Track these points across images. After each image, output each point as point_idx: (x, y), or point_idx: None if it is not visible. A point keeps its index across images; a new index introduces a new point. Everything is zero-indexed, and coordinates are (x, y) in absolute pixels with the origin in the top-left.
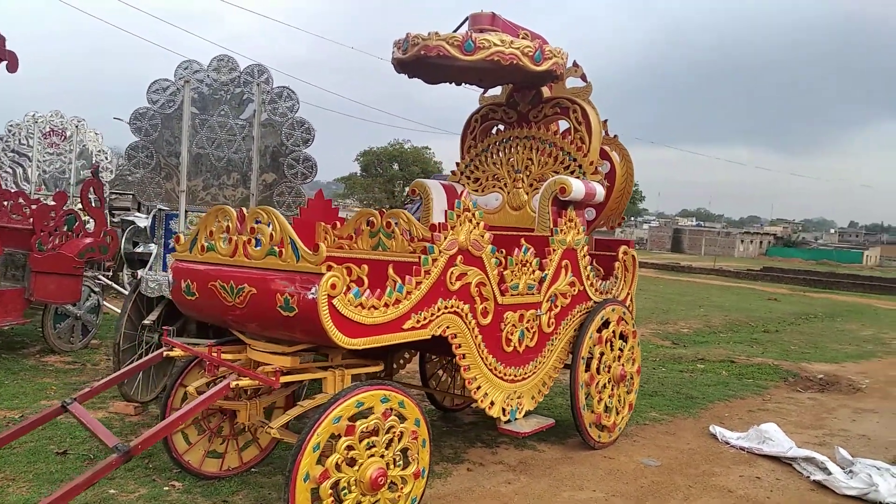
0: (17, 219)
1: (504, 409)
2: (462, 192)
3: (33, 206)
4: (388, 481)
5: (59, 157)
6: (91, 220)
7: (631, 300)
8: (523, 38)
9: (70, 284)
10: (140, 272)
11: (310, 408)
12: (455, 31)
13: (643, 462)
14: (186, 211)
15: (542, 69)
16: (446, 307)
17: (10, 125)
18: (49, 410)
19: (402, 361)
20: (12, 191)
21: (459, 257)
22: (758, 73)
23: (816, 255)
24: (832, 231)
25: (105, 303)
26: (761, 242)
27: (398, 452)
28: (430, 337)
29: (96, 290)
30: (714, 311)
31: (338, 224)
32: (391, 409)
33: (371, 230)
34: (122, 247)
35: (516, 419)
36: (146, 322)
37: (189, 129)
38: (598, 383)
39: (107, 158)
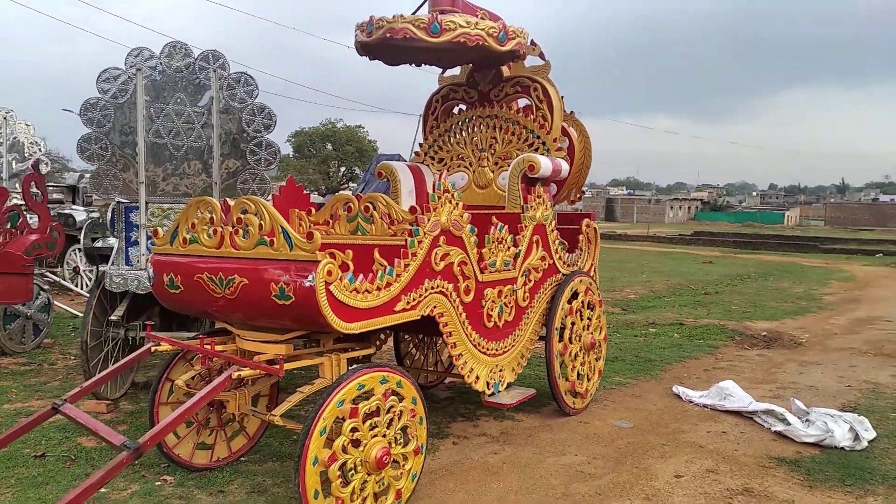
0: None
1: (488, 383)
2: (441, 174)
3: None
4: (392, 459)
5: None
6: (35, 216)
7: (594, 270)
8: (482, 17)
9: (20, 283)
10: (102, 267)
11: (309, 393)
12: (415, 12)
13: (616, 425)
14: (147, 202)
15: (507, 49)
16: (433, 287)
17: None
18: (39, 413)
19: (377, 343)
20: None
21: (442, 238)
22: (670, 46)
23: (741, 218)
24: (754, 194)
25: (55, 301)
26: (689, 208)
27: (399, 431)
28: (419, 317)
29: (45, 287)
30: (655, 277)
31: (312, 210)
32: (390, 390)
33: (349, 215)
34: (83, 242)
35: (499, 391)
36: (112, 318)
37: (144, 118)
38: (570, 352)
39: (40, 150)
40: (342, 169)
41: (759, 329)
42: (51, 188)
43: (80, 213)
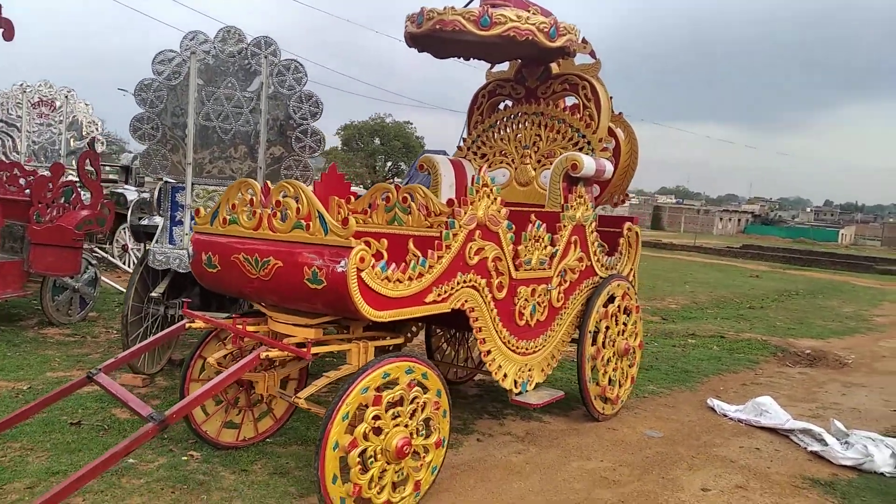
0: (13, 190)
1: (516, 382)
2: (481, 169)
3: (30, 178)
4: (412, 450)
5: (48, 128)
6: (88, 192)
7: (634, 276)
8: (534, 13)
9: (69, 256)
10: (147, 245)
11: (335, 378)
12: (466, 5)
13: (646, 433)
14: (193, 184)
15: (557, 45)
16: (465, 281)
17: None
18: (75, 381)
19: (409, 335)
20: (7, 162)
21: (478, 232)
22: (729, 55)
23: (793, 234)
24: (808, 209)
25: (102, 276)
26: (739, 220)
27: (421, 422)
28: (449, 310)
29: (94, 262)
30: (699, 288)
31: (351, 198)
32: (415, 381)
33: (387, 205)
34: (129, 219)
35: (527, 391)
36: (153, 294)
37: (195, 101)
38: (603, 357)
39: (98, 129)
40: (388, 163)
41: (803, 347)
42: (106, 168)
43: (131, 193)
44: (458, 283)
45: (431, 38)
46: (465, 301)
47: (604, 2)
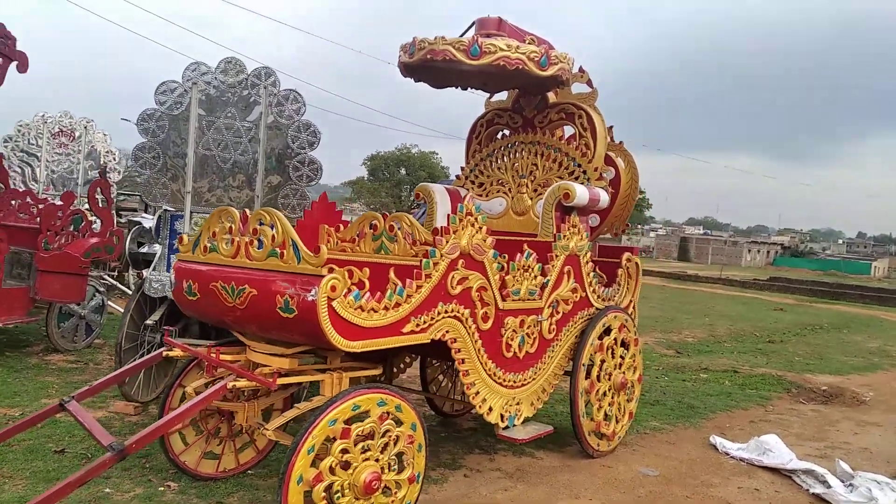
0: (24, 217)
1: (502, 416)
2: (465, 197)
3: (40, 206)
4: (383, 485)
5: (67, 158)
6: (98, 220)
7: (634, 307)
8: (529, 42)
9: (75, 284)
10: (144, 272)
11: (306, 410)
12: (462, 35)
13: (641, 471)
14: (192, 212)
15: (548, 74)
16: (446, 311)
17: (20, 125)
18: (47, 408)
19: (402, 365)
20: (20, 190)
21: (461, 261)
22: (757, 84)
23: (824, 266)
24: (840, 241)
25: (110, 303)
26: (768, 252)
27: (393, 457)
28: (429, 341)
29: (101, 289)
30: (719, 321)
31: (341, 227)
32: (388, 413)
33: (374, 233)
34: (127, 247)
35: (514, 426)
36: (149, 322)
37: (196, 130)
38: (598, 391)
39: (115, 159)
40: (413, 194)
41: (820, 383)
42: (124, 196)
43: (147, 221)
44: (439, 314)
45: (424, 67)
46: (447, 332)
47: (629, 30)
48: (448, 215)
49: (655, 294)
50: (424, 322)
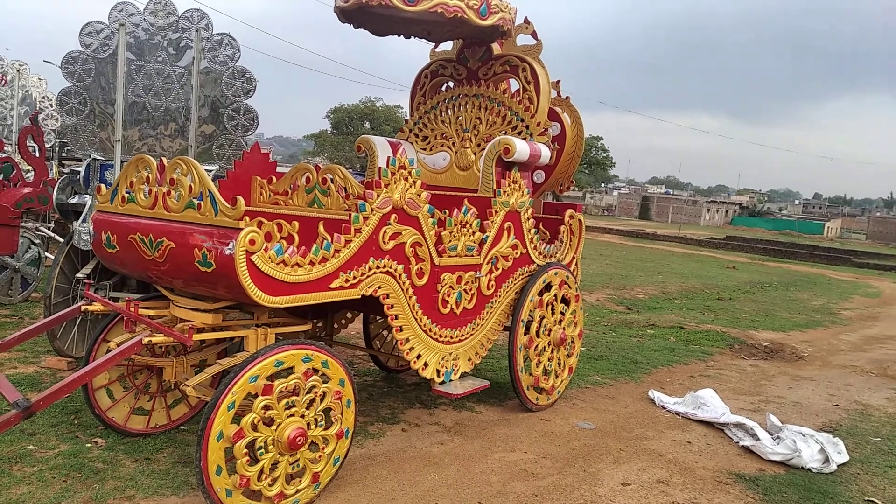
0: None
1: (438, 371)
2: (399, 150)
3: None
4: (309, 441)
5: None
6: (32, 170)
7: (576, 264)
8: None
9: (5, 235)
10: (74, 224)
11: (228, 366)
12: None
13: (578, 425)
14: (122, 161)
15: (488, 24)
16: (378, 267)
17: None
18: None
19: (343, 321)
20: None
21: (394, 216)
22: (719, 46)
23: (779, 226)
24: (797, 202)
25: (48, 255)
26: (727, 212)
27: (320, 413)
28: (360, 297)
29: (36, 241)
30: (672, 278)
31: (274, 179)
32: (313, 369)
33: (307, 186)
34: (55, 197)
35: (451, 381)
36: (80, 275)
37: (124, 75)
38: (537, 346)
39: (52, 105)
40: None
41: (762, 339)
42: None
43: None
44: (371, 269)
45: (361, 13)
46: (379, 287)
47: None
48: (379, 168)
49: (613, 252)
50: (354, 277)
